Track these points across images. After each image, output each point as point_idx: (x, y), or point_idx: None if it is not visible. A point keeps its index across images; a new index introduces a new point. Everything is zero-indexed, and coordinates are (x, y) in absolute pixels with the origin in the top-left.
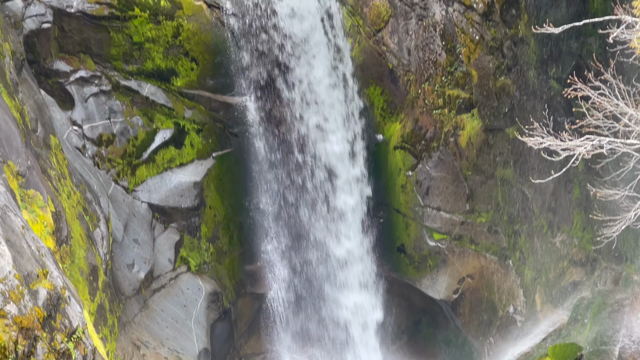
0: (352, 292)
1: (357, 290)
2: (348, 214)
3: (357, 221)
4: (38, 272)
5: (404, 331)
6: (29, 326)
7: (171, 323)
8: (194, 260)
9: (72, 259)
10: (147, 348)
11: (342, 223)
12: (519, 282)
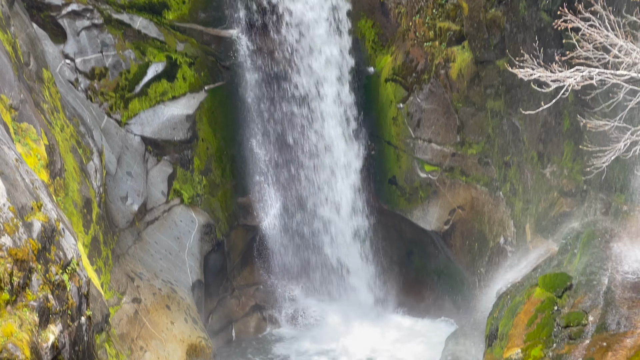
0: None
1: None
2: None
3: (346, 150)
4: (32, 205)
5: (395, 262)
6: (24, 258)
7: (165, 255)
8: (186, 192)
9: (65, 191)
10: (141, 280)
11: (331, 153)
12: (509, 213)
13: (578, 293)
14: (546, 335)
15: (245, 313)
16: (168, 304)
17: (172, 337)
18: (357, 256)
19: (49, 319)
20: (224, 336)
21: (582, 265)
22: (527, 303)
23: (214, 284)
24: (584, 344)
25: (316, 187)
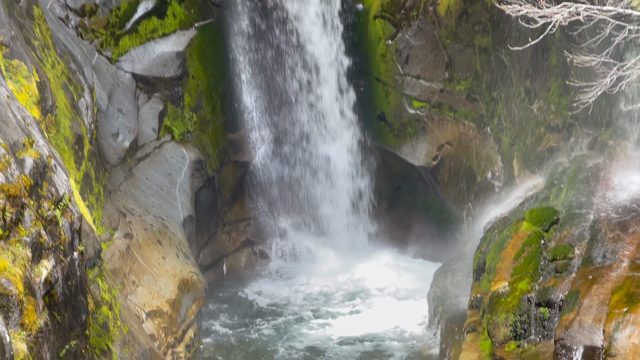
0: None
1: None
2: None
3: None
4: (24, 141)
5: (384, 197)
6: (16, 194)
7: (156, 191)
8: (177, 129)
9: (57, 128)
10: (133, 215)
11: (320, 89)
12: (496, 149)
13: (564, 227)
14: (533, 269)
15: (236, 248)
16: (159, 239)
17: (163, 272)
18: (347, 191)
19: (41, 254)
20: (215, 271)
21: (569, 200)
22: (514, 237)
23: (205, 219)
24: (570, 277)
25: (306, 123)
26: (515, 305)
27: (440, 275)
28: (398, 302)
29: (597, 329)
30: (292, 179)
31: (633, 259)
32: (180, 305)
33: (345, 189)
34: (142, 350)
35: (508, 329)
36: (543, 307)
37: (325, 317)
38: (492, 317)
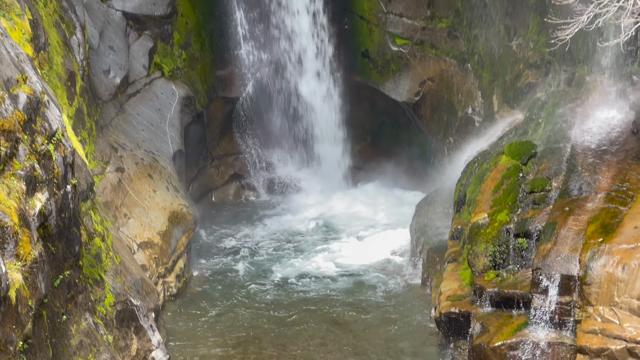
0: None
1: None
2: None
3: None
4: (18, 78)
5: (368, 132)
6: (11, 129)
7: (147, 126)
8: (167, 66)
9: (50, 65)
10: (124, 150)
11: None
12: (477, 85)
13: (542, 160)
14: (512, 201)
15: (224, 181)
16: (150, 173)
17: (154, 204)
18: (332, 127)
19: (35, 188)
20: (204, 203)
21: (547, 134)
22: (494, 170)
23: (194, 154)
24: (547, 209)
25: (293, 60)
26: (494, 236)
27: (421, 208)
28: (381, 233)
29: (573, 258)
30: (278, 114)
31: (608, 191)
32: (171, 236)
33: (330, 124)
34: (133, 280)
35: (487, 259)
36: (521, 237)
37: (310, 248)
38: (472, 248)
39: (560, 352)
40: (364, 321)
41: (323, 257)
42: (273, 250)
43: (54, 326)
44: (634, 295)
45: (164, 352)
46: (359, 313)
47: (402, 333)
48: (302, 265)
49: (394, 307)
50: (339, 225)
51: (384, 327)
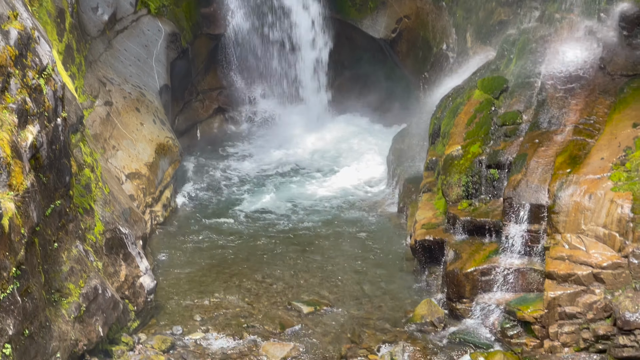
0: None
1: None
2: None
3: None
4: (8, 14)
5: (347, 67)
6: (2, 64)
7: (134, 62)
8: (153, 3)
9: (40, 1)
10: (112, 84)
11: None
12: (451, 22)
13: (513, 95)
14: (484, 134)
15: (209, 115)
16: (137, 106)
17: (141, 137)
18: (312, 62)
19: (27, 120)
20: (189, 136)
21: (518, 69)
22: (467, 104)
23: (180, 88)
24: (518, 141)
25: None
26: (467, 167)
27: (398, 140)
28: (358, 164)
29: (542, 188)
30: (261, 49)
31: (576, 124)
32: (157, 167)
33: (311, 59)
34: (122, 209)
35: (461, 188)
36: (493, 168)
37: (290, 179)
38: (446, 178)
39: (530, 277)
40: (340, 248)
41: (302, 187)
42: (254, 181)
43: (46, 253)
44: (599, 223)
45: (151, 277)
46: (336, 240)
47: (378, 260)
48: (281, 195)
49: (370, 235)
50: (318, 157)
51: (361, 254)
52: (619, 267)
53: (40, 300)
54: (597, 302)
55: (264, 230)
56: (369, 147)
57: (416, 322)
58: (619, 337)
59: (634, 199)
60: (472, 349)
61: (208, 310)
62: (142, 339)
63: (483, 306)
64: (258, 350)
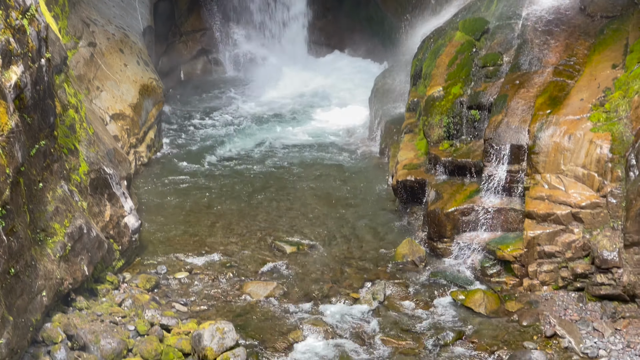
0: None
1: None
2: None
3: None
4: None
5: (329, 9)
6: None
7: (117, 3)
8: None
9: None
10: (96, 25)
11: None
12: None
13: (494, 36)
14: (465, 75)
15: (192, 56)
16: (121, 47)
17: (125, 78)
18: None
19: (11, 61)
20: (173, 77)
21: (499, 11)
22: (449, 45)
23: (163, 29)
24: (498, 82)
25: None
26: (448, 108)
27: (380, 81)
28: (341, 105)
29: (523, 129)
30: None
31: (556, 65)
32: (141, 108)
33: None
34: (106, 150)
35: (442, 129)
36: (474, 109)
37: (274, 121)
38: (428, 119)
39: (509, 217)
40: (322, 189)
41: (286, 129)
42: (238, 124)
43: (31, 193)
44: (578, 164)
45: (135, 217)
46: (318, 181)
47: (359, 200)
48: (265, 136)
49: (352, 176)
50: (302, 98)
51: (343, 195)
52: (597, 207)
53: (25, 240)
54: (575, 241)
55: (248, 172)
56: (351, 89)
57: (397, 261)
58: (597, 275)
59: (612, 139)
60: (453, 288)
61: (192, 250)
62: (126, 278)
63: (463, 245)
64: (241, 289)
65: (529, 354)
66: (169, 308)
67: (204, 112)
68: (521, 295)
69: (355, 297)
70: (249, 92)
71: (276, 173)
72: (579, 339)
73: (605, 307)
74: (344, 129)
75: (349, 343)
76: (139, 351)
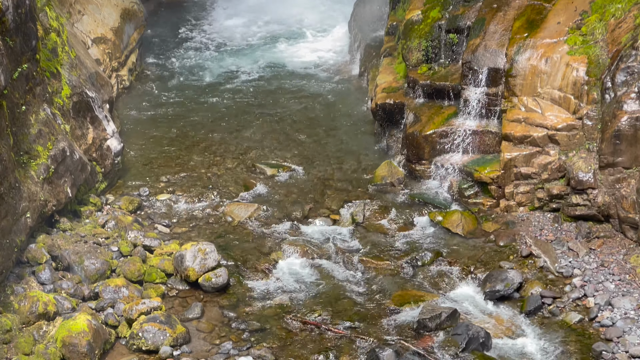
0: None
1: None
2: None
3: None
4: None
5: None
6: None
7: None
8: None
9: None
10: None
11: None
12: None
13: None
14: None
15: None
16: None
17: (107, 1)
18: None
19: None
20: (152, 1)
21: None
22: None
23: None
24: (477, 6)
25: None
26: (427, 32)
27: (359, 5)
28: (322, 31)
29: (500, 52)
30: None
31: None
32: (123, 32)
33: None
34: (88, 73)
35: (421, 53)
36: (452, 33)
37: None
38: (406, 43)
39: (487, 139)
40: (303, 112)
41: (268, 53)
42: (220, 48)
43: (14, 116)
44: (555, 86)
45: (118, 140)
46: (299, 104)
47: (339, 123)
48: (247, 61)
49: (332, 99)
50: (284, 23)
51: (323, 117)
52: (573, 129)
53: (9, 162)
54: (551, 162)
55: (230, 95)
56: (332, 13)
57: (376, 183)
58: (572, 196)
59: (589, 62)
60: (431, 209)
61: (174, 172)
62: (109, 200)
63: (441, 168)
64: (223, 210)
65: (505, 273)
66: (151, 229)
67: (185, 37)
68: (498, 216)
69: (335, 219)
70: (233, 15)
71: (258, 96)
72: (554, 259)
73: (580, 228)
74: (325, 52)
75: (328, 263)
76: (123, 272)
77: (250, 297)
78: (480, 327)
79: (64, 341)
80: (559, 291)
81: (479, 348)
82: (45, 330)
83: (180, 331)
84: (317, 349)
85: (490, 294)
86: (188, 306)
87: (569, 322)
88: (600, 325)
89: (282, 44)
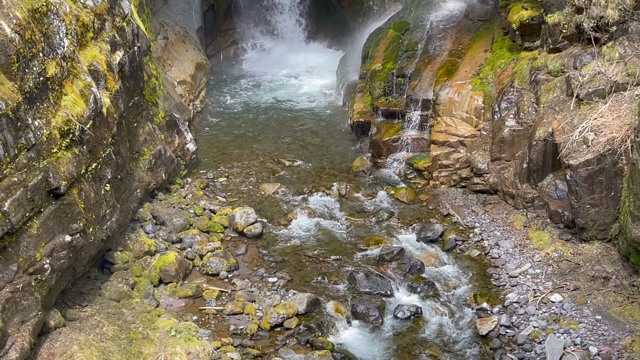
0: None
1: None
2: None
3: None
4: None
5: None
6: (101, 12)
7: (181, 12)
8: None
9: None
10: (168, 26)
11: None
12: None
13: (413, 32)
14: (395, 56)
15: (227, 45)
16: (184, 40)
17: (186, 59)
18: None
19: (116, 48)
20: (215, 58)
21: (416, 16)
22: (385, 38)
23: (209, 29)
24: (415, 61)
25: None
26: (384, 77)
27: (343, 60)
28: (319, 75)
29: (430, 89)
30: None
31: (450, 50)
32: (196, 77)
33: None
34: (175, 103)
35: (380, 90)
36: (400, 77)
37: (280, 84)
38: (372, 84)
39: (421, 143)
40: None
41: (285, 90)
42: (256, 87)
43: (129, 129)
44: (464, 110)
45: (194, 144)
46: (305, 122)
47: (330, 134)
48: (272, 95)
49: (326, 119)
50: (296, 71)
51: (319, 130)
52: (475, 137)
53: (126, 158)
54: (461, 157)
55: (261, 117)
56: (325, 64)
57: (353, 170)
58: (474, 178)
59: (484, 95)
60: (387, 186)
61: (228, 164)
62: (189, 181)
63: (394, 161)
64: (258, 187)
65: (433, 225)
66: (214, 199)
67: (235, 81)
68: (428, 190)
69: (328, 192)
70: (263, 67)
71: (278, 118)
72: (463, 216)
73: (479, 198)
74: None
75: (325, 220)
76: (197, 225)
77: (275, 241)
78: (418, 259)
79: (161, 268)
80: (466, 236)
81: (417, 272)
82: (149, 262)
83: (232, 262)
84: (317, 273)
85: (423, 238)
86: (237, 247)
87: (472, 256)
88: (491, 257)
89: (295, 83)
